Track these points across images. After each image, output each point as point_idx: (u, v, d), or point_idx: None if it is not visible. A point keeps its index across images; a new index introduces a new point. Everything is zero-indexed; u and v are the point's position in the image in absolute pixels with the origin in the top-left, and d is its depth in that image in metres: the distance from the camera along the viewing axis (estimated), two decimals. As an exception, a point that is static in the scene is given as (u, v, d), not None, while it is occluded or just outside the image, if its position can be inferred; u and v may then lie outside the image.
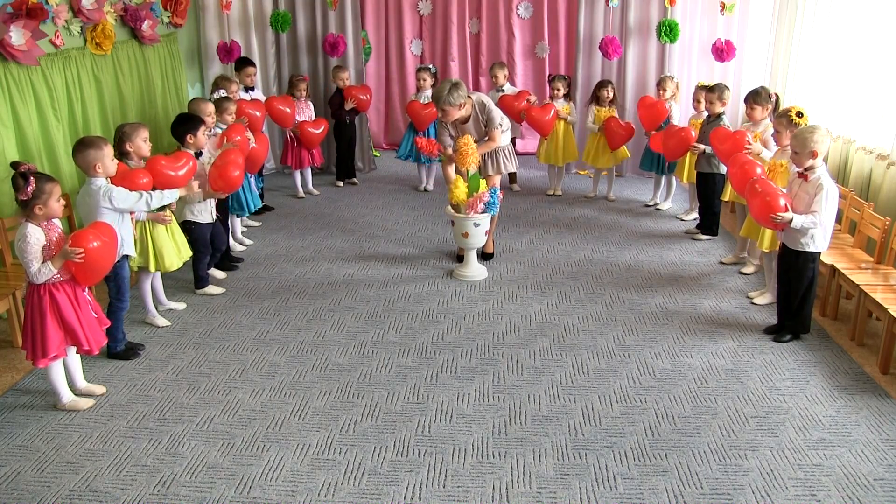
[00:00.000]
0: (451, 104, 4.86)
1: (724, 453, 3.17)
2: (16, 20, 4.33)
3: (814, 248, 3.96)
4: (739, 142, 4.69)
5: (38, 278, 3.25)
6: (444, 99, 4.85)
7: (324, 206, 6.78)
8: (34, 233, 3.22)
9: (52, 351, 3.31)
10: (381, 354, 4.06)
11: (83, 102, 5.23)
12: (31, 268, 3.23)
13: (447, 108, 4.89)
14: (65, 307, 3.32)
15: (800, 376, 3.80)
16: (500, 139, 5.16)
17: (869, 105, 5.30)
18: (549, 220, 6.32)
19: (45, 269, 3.24)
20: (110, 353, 4.00)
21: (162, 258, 4.24)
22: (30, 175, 3.19)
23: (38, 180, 3.21)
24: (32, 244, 3.21)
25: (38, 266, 3.23)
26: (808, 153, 3.82)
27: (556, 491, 2.95)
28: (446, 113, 4.92)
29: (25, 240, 3.20)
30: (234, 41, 7.30)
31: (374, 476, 3.05)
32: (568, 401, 3.59)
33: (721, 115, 5.43)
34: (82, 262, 3.26)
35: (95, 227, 3.42)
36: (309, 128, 6.77)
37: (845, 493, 2.92)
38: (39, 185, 3.20)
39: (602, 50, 7.23)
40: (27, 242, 3.20)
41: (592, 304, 4.68)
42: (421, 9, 8.50)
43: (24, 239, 3.20)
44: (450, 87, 4.87)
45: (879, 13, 5.23)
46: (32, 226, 3.24)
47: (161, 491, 2.96)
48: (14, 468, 3.10)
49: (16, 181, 3.19)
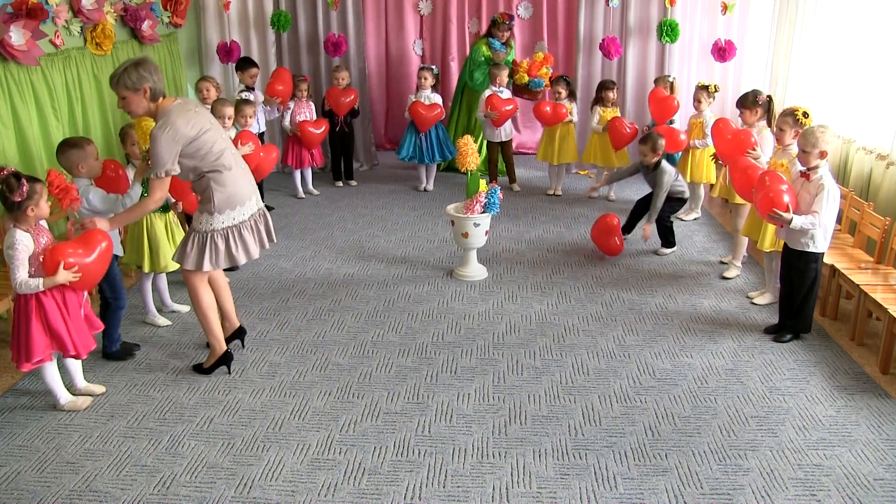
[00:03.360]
0: (126, 87, 3.37)
1: (724, 453, 3.17)
2: (16, 20, 4.33)
3: (814, 249, 3.96)
4: (744, 141, 4.65)
5: (20, 289, 3.19)
6: (120, 80, 3.38)
7: (324, 206, 6.78)
8: (23, 240, 3.18)
9: (35, 356, 3.28)
10: (381, 354, 4.06)
11: (83, 102, 5.23)
12: (15, 276, 3.17)
13: (124, 93, 3.40)
14: (51, 312, 3.28)
15: (800, 376, 3.80)
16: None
17: (869, 105, 5.30)
18: (549, 221, 6.32)
19: (32, 282, 3.18)
20: (105, 353, 3.99)
21: (157, 258, 4.23)
22: (21, 177, 3.16)
23: (28, 181, 3.16)
24: (20, 251, 3.17)
25: (23, 276, 3.18)
26: (818, 152, 3.82)
27: (556, 491, 2.95)
28: (125, 101, 3.43)
29: (14, 247, 3.16)
30: (234, 41, 7.31)
31: (374, 476, 3.05)
32: (568, 401, 3.59)
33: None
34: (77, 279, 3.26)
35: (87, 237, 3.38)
36: (309, 128, 6.77)
37: (845, 493, 2.92)
38: (31, 185, 3.17)
39: (603, 50, 7.23)
40: (16, 250, 3.16)
41: (592, 304, 4.68)
42: (421, 9, 8.49)
43: (12, 246, 3.16)
44: (130, 64, 3.39)
45: (879, 13, 5.23)
46: (21, 232, 3.20)
47: (161, 491, 2.96)
48: (14, 468, 3.10)
49: (8, 182, 3.13)
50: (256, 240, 3.78)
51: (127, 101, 3.43)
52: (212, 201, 3.56)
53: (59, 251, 3.25)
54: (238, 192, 3.63)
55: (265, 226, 3.84)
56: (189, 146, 3.44)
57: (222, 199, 3.57)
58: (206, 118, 3.60)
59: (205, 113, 3.66)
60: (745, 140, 4.65)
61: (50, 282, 3.21)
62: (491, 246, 5.60)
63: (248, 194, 3.70)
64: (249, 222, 3.72)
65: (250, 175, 3.80)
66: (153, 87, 3.41)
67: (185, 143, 3.42)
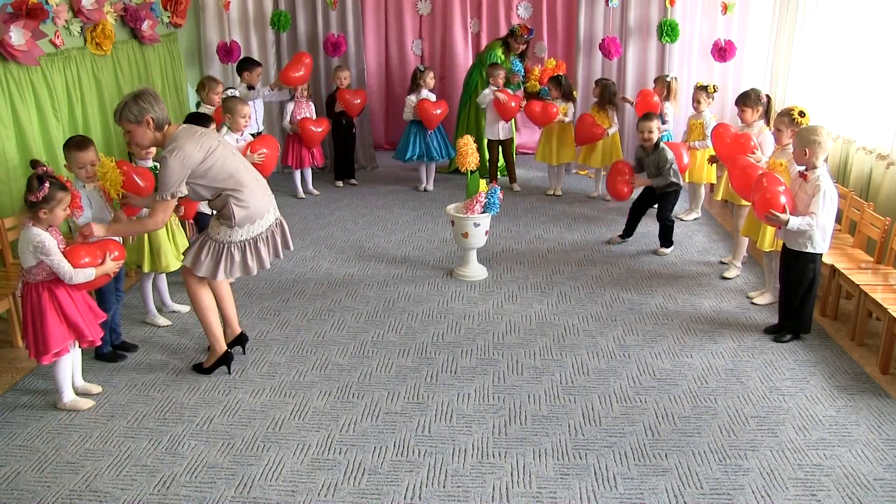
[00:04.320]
0: (129, 120, 3.42)
1: (724, 453, 3.17)
2: (16, 20, 4.33)
3: (813, 250, 3.96)
4: (744, 145, 4.67)
5: (76, 277, 3.27)
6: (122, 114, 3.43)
7: (324, 206, 6.78)
8: (48, 237, 3.23)
9: (54, 346, 3.31)
10: (381, 354, 4.06)
11: (83, 102, 5.23)
12: (63, 269, 3.24)
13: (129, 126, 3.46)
14: (65, 302, 3.32)
15: (800, 376, 3.80)
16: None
17: (869, 105, 5.30)
18: (549, 221, 6.32)
19: (87, 270, 3.30)
20: (97, 354, 3.99)
21: (158, 258, 4.23)
22: (46, 179, 3.19)
23: (52, 186, 3.21)
24: (53, 247, 3.22)
25: (69, 267, 3.25)
26: (802, 151, 3.85)
27: (556, 491, 2.95)
28: (131, 135, 3.51)
29: (45, 246, 3.20)
30: (234, 41, 7.31)
31: (374, 476, 3.05)
32: (568, 401, 3.59)
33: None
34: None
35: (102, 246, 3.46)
36: (310, 126, 6.76)
37: (845, 493, 2.92)
38: (52, 190, 3.20)
39: (603, 50, 7.23)
40: (48, 248, 3.21)
41: (592, 304, 4.68)
42: (420, 9, 8.49)
43: (42, 247, 3.20)
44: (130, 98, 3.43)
45: (879, 13, 5.23)
46: (42, 230, 3.24)
47: (161, 491, 2.96)
48: (14, 468, 3.11)
49: (31, 181, 3.19)
50: (271, 250, 3.79)
51: (132, 133, 3.49)
52: (233, 217, 3.57)
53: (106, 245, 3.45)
54: (258, 206, 3.64)
55: (282, 235, 3.84)
56: (199, 167, 3.46)
57: (242, 215, 3.59)
58: (213, 138, 3.62)
59: (211, 134, 3.68)
60: (744, 143, 4.66)
61: (101, 270, 3.37)
62: (491, 246, 5.60)
63: (267, 206, 3.71)
64: (266, 234, 3.73)
65: (266, 186, 3.78)
66: (156, 118, 3.44)
67: (195, 166, 3.45)
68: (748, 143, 4.65)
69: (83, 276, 3.29)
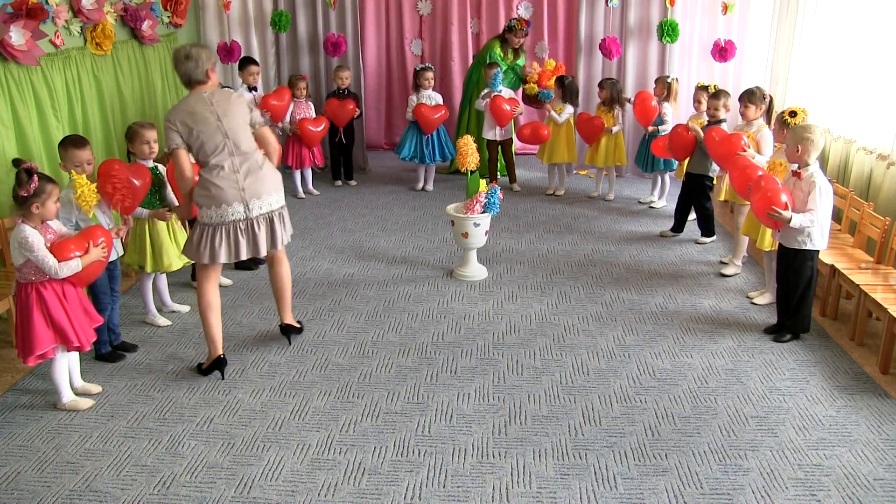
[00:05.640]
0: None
1: (724, 453, 3.17)
2: (16, 20, 4.33)
3: (811, 247, 3.96)
4: (735, 144, 4.68)
5: (62, 271, 3.25)
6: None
7: (324, 206, 6.78)
8: (33, 234, 3.21)
9: (38, 349, 3.28)
10: (381, 354, 4.06)
11: (83, 102, 5.23)
12: (48, 264, 3.21)
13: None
14: (52, 304, 3.29)
15: (800, 376, 3.80)
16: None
17: (869, 105, 5.30)
18: (549, 220, 6.32)
19: (71, 263, 3.26)
20: (97, 354, 3.99)
21: (160, 258, 4.23)
22: (34, 172, 3.20)
23: (41, 179, 3.21)
24: (36, 243, 3.20)
25: (54, 261, 3.22)
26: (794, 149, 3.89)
27: (556, 491, 2.95)
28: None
29: (28, 241, 3.18)
30: (234, 41, 7.30)
31: (374, 476, 3.05)
32: (568, 401, 3.59)
33: (722, 121, 5.45)
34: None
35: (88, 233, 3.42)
36: (309, 126, 6.76)
37: (845, 493, 2.92)
38: (41, 183, 3.21)
39: (603, 50, 7.23)
40: (31, 243, 3.18)
41: (592, 304, 4.68)
42: (420, 9, 8.49)
43: (25, 243, 3.18)
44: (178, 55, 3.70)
45: (879, 14, 5.23)
46: (29, 227, 3.22)
47: (161, 491, 2.96)
48: (14, 468, 3.11)
49: (19, 176, 3.19)
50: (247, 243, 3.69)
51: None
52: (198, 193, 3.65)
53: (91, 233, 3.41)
54: (219, 194, 3.59)
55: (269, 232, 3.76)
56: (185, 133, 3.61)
57: (202, 193, 3.62)
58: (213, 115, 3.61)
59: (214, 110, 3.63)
60: (735, 142, 4.67)
61: (87, 259, 3.33)
62: (491, 246, 5.60)
63: (230, 200, 3.60)
64: (239, 225, 3.65)
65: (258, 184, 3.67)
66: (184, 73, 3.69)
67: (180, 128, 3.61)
68: (738, 141, 4.68)
69: (68, 269, 3.26)
